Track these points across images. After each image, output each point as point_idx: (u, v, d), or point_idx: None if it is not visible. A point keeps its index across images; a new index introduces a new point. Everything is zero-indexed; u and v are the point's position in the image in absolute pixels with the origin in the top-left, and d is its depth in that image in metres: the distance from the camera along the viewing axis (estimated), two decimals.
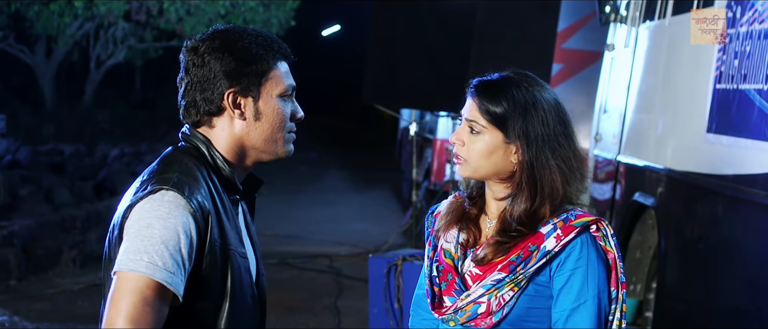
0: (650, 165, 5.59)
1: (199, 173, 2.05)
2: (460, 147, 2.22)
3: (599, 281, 2.15)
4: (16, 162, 12.08)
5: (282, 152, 2.17)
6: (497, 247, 2.17)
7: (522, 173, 2.17)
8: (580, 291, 2.14)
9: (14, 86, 20.90)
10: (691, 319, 4.80)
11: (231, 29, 2.14)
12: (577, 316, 2.14)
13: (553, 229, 2.15)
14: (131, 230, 1.93)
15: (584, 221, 2.16)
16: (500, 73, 2.26)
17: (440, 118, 9.84)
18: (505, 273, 2.14)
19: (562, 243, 2.13)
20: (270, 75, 2.12)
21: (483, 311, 2.15)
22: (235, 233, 2.09)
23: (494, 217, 2.25)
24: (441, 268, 2.26)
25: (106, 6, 15.78)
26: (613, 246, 2.19)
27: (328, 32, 30.08)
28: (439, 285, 2.26)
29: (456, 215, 2.29)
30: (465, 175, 2.24)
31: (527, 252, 2.14)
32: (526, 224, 2.16)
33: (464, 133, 2.22)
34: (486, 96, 2.20)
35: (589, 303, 2.14)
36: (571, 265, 2.15)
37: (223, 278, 2.03)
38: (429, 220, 2.39)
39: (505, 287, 2.14)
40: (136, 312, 1.82)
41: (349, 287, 8.14)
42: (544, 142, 2.17)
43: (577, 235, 2.15)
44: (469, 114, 2.21)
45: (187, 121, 2.15)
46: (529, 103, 2.17)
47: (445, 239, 2.28)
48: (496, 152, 2.19)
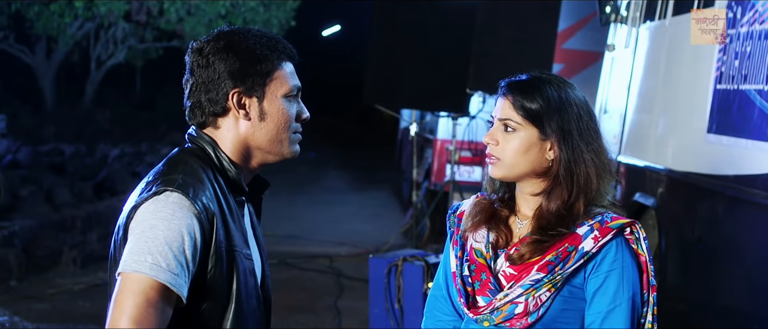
0: (651, 166, 5.59)
1: (205, 175, 2.05)
2: (494, 146, 2.22)
3: (634, 283, 2.18)
4: (17, 162, 12.07)
5: (288, 152, 2.16)
6: (536, 246, 2.18)
7: (559, 167, 2.20)
8: (616, 294, 2.16)
9: (14, 87, 20.89)
10: (691, 319, 4.81)
11: (236, 30, 2.14)
12: (613, 318, 2.16)
13: (590, 230, 2.17)
14: (135, 231, 1.93)
15: (620, 224, 2.18)
16: (528, 74, 2.28)
17: (440, 118, 9.83)
18: (543, 273, 2.15)
19: (599, 244, 2.15)
20: (274, 75, 2.11)
21: (520, 311, 2.16)
22: (240, 235, 2.08)
23: (526, 218, 2.26)
24: (473, 268, 2.25)
25: (106, 6, 15.78)
26: (644, 249, 2.21)
27: (328, 32, 30.09)
28: (471, 284, 2.24)
29: (485, 216, 2.28)
30: (499, 175, 2.23)
31: (566, 253, 2.16)
32: (563, 220, 2.18)
33: (498, 132, 2.22)
34: (521, 93, 2.21)
35: (624, 306, 2.16)
36: (606, 267, 2.17)
37: (229, 280, 2.03)
38: (451, 219, 2.38)
39: (543, 287, 2.15)
40: (140, 313, 1.82)
41: (350, 287, 8.14)
42: (579, 136, 2.20)
43: (613, 237, 2.17)
44: (502, 113, 2.22)
45: (192, 122, 2.14)
46: (562, 99, 2.21)
47: (474, 239, 2.28)
48: (532, 149, 2.20)
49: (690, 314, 4.86)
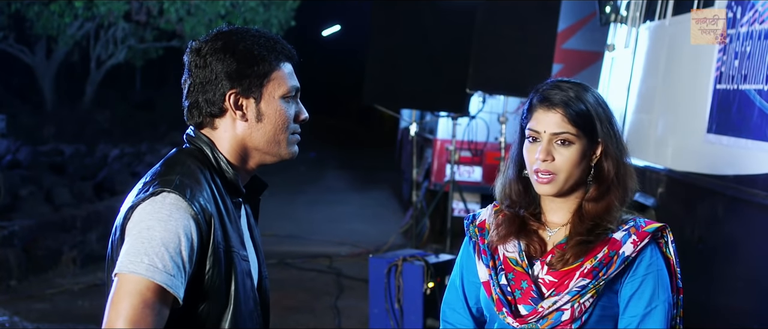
0: (651, 165, 5.59)
1: (202, 176, 2.04)
2: (549, 163, 2.19)
3: (667, 287, 2.22)
4: (17, 162, 12.07)
5: (285, 153, 2.16)
6: (581, 247, 2.18)
7: (608, 172, 2.22)
8: (652, 297, 2.19)
9: (14, 86, 20.89)
10: (691, 319, 4.80)
11: (234, 30, 2.13)
12: (649, 321, 2.19)
13: (627, 235, 2.19)
14: (132, 232, 1.93)
15: (654, 228, 2.22)
16: (552, 81, 2.28)
17: (440, 118, 9.83)
18: (589, 278, 2.16)
19: (638, 249, 2.18)
20: (272, 76, 2.10)
21: (566, 318, 2.16)
22: (237, 237, 2.08)
23: (556, 226, 2.26)
24: (511, 276, 2.24)
25: (106, 6, 15.78)
26: (672, 253, 2.26)
27: (328, 32, 30.09)
28: (511, 293, 2.23)
29: (515, 227, 2.27)
30: (553, 191, 2.21)
31: (608, 258, 2.17)
32: (603, 222, 2.20)
33: (551, 146, 2.20)
34: (570, 106, 2.20)
35: (659, 308, 2.20)
36: (643, 271, 2.20)
37: (227, 281, 2.02)
38: (471, 230, 2.36)
39: (587, 293, 2.16)
40: (136, 314, 1.82)
41: (350, 287, 8.14)
42: (618, 139, 2.25)
43: (649, 242, 2.20)
44: (556, 127, 2.19)
45: (190, 123, 2.14)
46: (600, 104, 2.24)
47: (506, 249, 2.27)
48: (585, 159, 2.21)
49: (690, 314, 4.85)
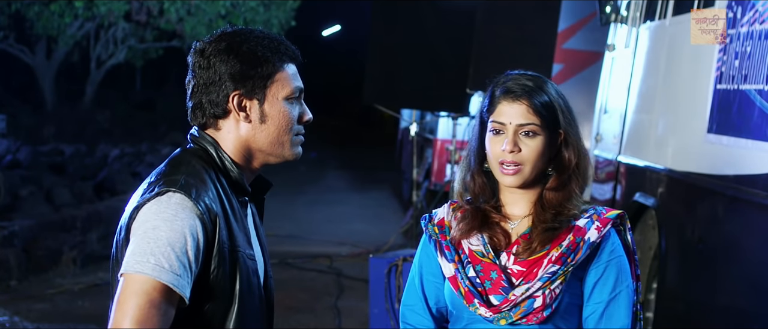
0: (651, 165, 5.59)
1: (207, 175, 2.04)
2: (516, 154, 2.20)
3: (629, 273, 2.24)
4: (17, 162, 12.07)
5: (289, 154, 2.16)
6: (547, 235, 2.20)
7: (569, 160, 2.24)
8: (616, 283, 2.21)
9: (14, 86, 20.88)
10: (691, 319, 4.80)
11: (238, 31, 2.12)
12: (614, 307, 2.21)
13: (590, 221, 2.22)
14: (138, 231, 1.93)
15: (615, 214, 2.24)
16: (511, 73, 2.28)
17: (440, 118, 9.83)
18: (558, 265, 2.17)
19: (601, 234, 2.20)
20: (276, 77, 2.10)
21: (539, 305, 2.17)
22: (243, 236, 2.08)
23: (517, 217, 2.27)
24: (479, 268, 2.24)
25: (106, 6, 15.78)
26: (630, 240, 2.28)
27: (328, 32, 30.09)
28: (482, 284, 2.23)
29: (477, 221, 2.27)
30: (519, 182, 2.22)
31: (574, 244, 2.19)
32: (565, 209, 2.22)
33: (517, 138, 2.20)
34: (533, 97, 2.22)
35: (623, 294, 2.22)
36: (606, 257, 2.22)
37: (232, 280, 2.03)
38: (430, 229, 2.35)
39: (557, 280, 2.17)
40: (143, 313, 1.83)
41: (350, 287, 8.14)
42: (576, 129, 2.27)
43: (610, 228, 2.23)
44: (522, 118, 2.20)
45: (194, 123, 2.14)
46: (560, 95, 2.26)
47: (470, 243, 2.28)
48: (549, 149, 2.23)
49: (690, 314, 4.85)
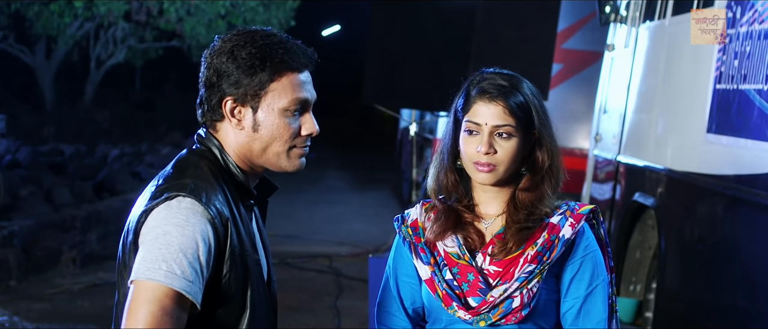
0: (650, 165, 5.59)
1: (215, 179, 2.01)
2: (491, 156, 2.18)
3: (604, 266, 2.24)
4: (16, 162, 12.07)
5: (287, 166, 2.09)
6: (522, 234, 2.19)
7: (543, 161, 2.23)
8: (592, 278, 2.22)
9: (14, 86, 20.88)
10: (691, 319, 4.80)
11: (247, 33, 2.06)
12: (591, 301, 2.21)
13: (564, 218, 2.21)
14: (148, 237, 1.90)
15: (588, 210, 2.24)
16: (486, 72, 2.27)
17: (440, 118, 9.82)
18: (534, 264, 2.17)
19: (575, 231, 2.19)
20: (271, 87, 2.03)
21: (517, 305, 2.16)
22: (249, 240, 2.05)
23: (491, 217, 2.25)
24: (456, 270, 2.22)
25: (106, 6, 15.78)
26: (603, 233, 2.28)
27: (328, 32, 30.09)
28: (459, 287, 2.21)
29: (451, 221, 2.24)
30: (493, 181, 2.21)
31: (549, 242, 2.18)
32: (538, 208, 2.21)
33: (492, 139, 2.19)
34: (509, 98, 2.20)
35: (599, 288, 2.22)
36: (581, 253, 2.22)
37: (244, 285, 2.00)
38: (404, 231, 2.31)
39: (534, 278, 2.16)
40: (155, 321, 1.80)
41: (349, 287, 8.13)
42: (550, 129, 2.26)
43: (583, 223, 2.22)
44: (498, 119, 2.18)
45: (201, 122, 2.12)
46: (535, 95, 2.24)
47: (445, 245, 2.25)
48: (523, 149, 2.22)
49: (690, 314, 4.85)
